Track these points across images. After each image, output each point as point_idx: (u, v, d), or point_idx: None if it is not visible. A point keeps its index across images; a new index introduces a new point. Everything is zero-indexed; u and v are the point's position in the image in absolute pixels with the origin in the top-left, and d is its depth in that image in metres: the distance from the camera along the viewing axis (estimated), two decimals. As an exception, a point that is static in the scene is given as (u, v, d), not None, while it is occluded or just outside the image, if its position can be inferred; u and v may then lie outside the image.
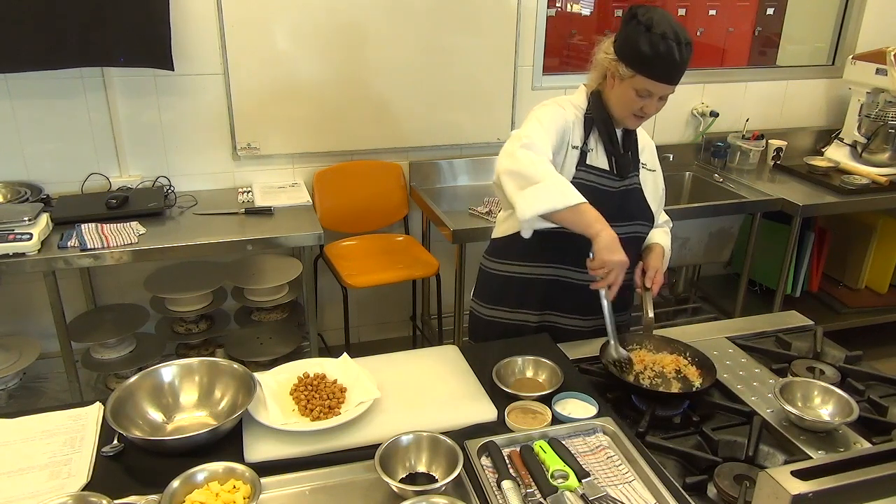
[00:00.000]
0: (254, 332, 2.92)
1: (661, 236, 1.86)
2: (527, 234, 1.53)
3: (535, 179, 1.48)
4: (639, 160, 1.76)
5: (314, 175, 2.94)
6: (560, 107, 1.67)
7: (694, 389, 1.48)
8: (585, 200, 1.48)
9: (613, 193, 1.69)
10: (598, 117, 1.67)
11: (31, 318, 2.79)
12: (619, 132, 1.72)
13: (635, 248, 1.77)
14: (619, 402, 1.48)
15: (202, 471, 1.16)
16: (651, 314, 1.65)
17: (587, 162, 1.68)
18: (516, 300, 1.79)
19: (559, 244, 1.67)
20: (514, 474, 1.21)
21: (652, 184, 1.80)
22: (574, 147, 1.67)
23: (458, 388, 1.48)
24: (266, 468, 1.21)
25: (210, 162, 2.82)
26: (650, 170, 1.80)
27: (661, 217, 1.90)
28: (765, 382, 1.55)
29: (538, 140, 1.55)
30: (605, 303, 1.54)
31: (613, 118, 1.67)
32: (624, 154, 1.71)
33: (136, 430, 1.30)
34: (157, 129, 2.72)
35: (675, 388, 1.50)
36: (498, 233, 1.81)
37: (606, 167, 1.70)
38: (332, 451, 1.28)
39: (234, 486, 1.15)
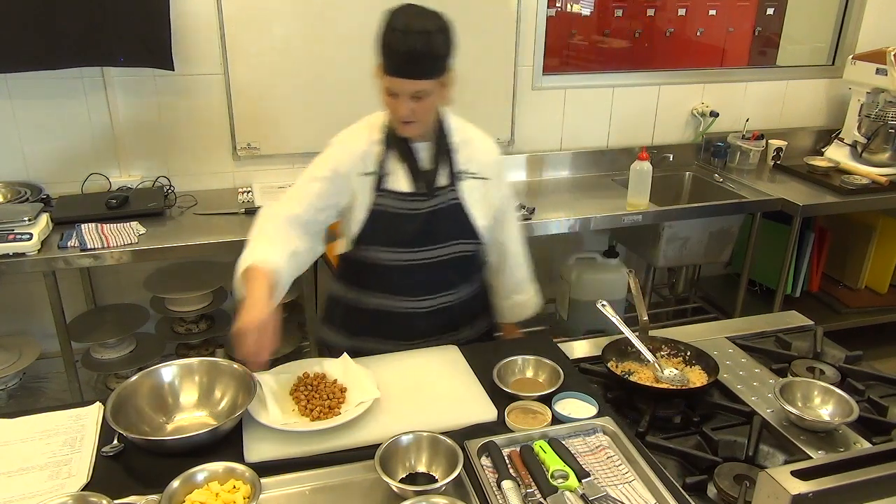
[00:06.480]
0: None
1: (516, 295, 1.84)
2: None
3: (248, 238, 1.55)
4: (454, 171, 1.64)
5: (314, 175, 2.93)
6: (340, 146, 1.61)
7: (694, 387, 1.48)
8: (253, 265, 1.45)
9: (418, 216, 1.61)
10: (390, 135, 1.60)
11: (31, 318, 2.79)
12: (425, 145, 1.62)
13: (459, 268, 1.70)
14: (619, 402, 1.49)
15: (202, 471, 1.16)
16: (645, 316, 1.65)
17: (385, 186, 1.61)
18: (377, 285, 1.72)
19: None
20: (514, 474, 1.21)
21: (480, 194, 1.67)
22: (366, 174, 1.60)
23: (458, 388, 1.49)
24: (266, 468, 1.21)
25: (210, 162, 2.82)
26: (480, 178, 1.67)
27: (509, 229, 1.78)
28: (765, 382, 1.55)
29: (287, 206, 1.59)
30: (613, 318, 1.59)
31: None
32: (430, 170, 1.61)
33: (136, 431, 1.30)
34: (157, 129, 2.71)
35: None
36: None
37: (408, 189, 1.61)
38: (332, 451, 1.28)
39: (234, 486, 1.15)
